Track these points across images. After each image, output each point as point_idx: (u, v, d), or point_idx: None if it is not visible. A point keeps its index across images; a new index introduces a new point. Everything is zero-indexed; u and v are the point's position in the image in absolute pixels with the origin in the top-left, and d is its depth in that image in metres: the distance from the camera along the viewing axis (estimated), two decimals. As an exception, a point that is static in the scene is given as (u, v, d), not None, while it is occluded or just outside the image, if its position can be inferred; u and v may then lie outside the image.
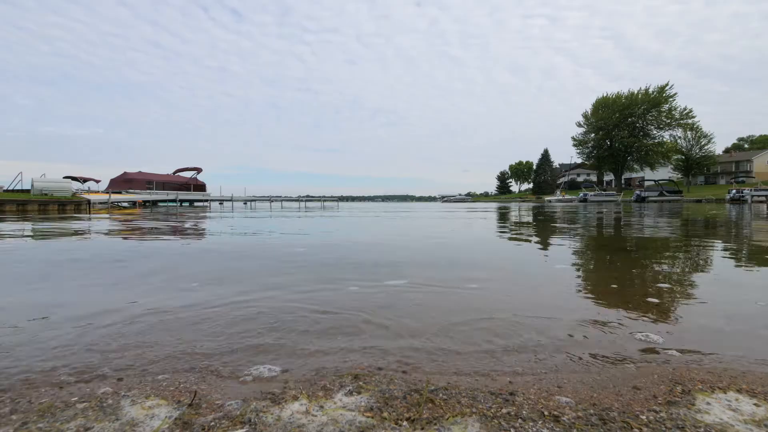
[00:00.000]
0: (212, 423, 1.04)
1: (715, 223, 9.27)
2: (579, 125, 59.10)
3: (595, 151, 57.99)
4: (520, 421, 1.07)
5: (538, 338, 1.75)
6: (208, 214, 15.50)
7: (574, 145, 60.25)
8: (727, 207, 21.15)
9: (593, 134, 57.24)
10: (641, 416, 1.09)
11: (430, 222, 10.56)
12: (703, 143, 51.10)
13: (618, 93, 54.90)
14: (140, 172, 35.08)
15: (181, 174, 39.85)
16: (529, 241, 6.00)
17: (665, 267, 3.57)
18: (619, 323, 1.97)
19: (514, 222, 10.70)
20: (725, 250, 4.78)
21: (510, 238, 6.41)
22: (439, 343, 1.69)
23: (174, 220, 11.14)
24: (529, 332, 1.82)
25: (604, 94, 56.67)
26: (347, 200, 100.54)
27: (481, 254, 4.56)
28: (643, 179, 52.17)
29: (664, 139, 52.92)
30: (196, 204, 35.65)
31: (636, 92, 52.95)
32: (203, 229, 8.16)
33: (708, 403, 1.16)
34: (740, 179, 50.96)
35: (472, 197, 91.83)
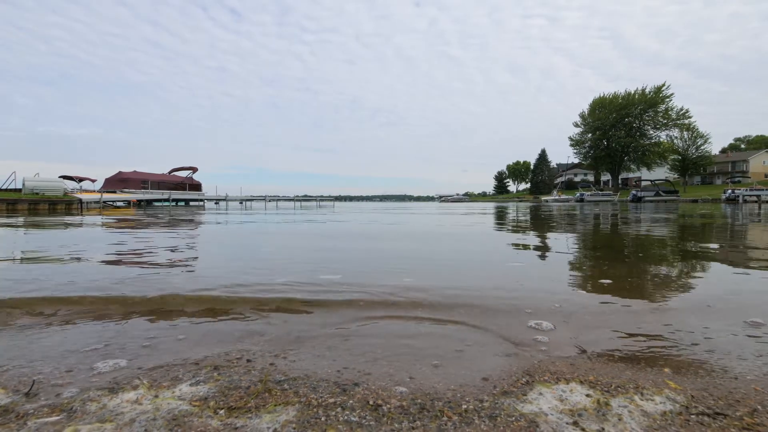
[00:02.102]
0: (31, 411, 1.06)
1: (693, 223, 9.28)
2: (576, 125, 59.13)
3: (592, 151, 57.98)
4: (339, 409, 1.08)
5: (430, 330, 1.76)
6: (181, 218, 15.50)
7: (572, 145, 60.28)
8: (722, 207, 21.23)
9: (590, 134, 57.23)
10: (463, 405, 1.11)
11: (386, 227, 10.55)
12: (699, 143, 51.12)
13: (615, 93, 54.92)
14: (135, 171, 35.06)
15: (177, 173, 39.81)
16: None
17: (615, 261, 3.58)
18: (527, 312, 1.98)
19: (500, 221, 10.71)
20: (686, 247, 4.79)
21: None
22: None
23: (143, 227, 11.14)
24: (417, 328, 1.83)
25: (602, 94, 56.70)
26: (345, 200, 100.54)
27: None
28: (640, 179, 52.20)
29: (661, 140, 52.94)
30: (191, 203, 35.65)
31: (633, 92, 52.95)
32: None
33: (540, 393, 1.18)
34: (736, 179, 50.95)
35: (469, 197, 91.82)
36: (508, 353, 1.52)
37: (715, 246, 4.83)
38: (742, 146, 72.16)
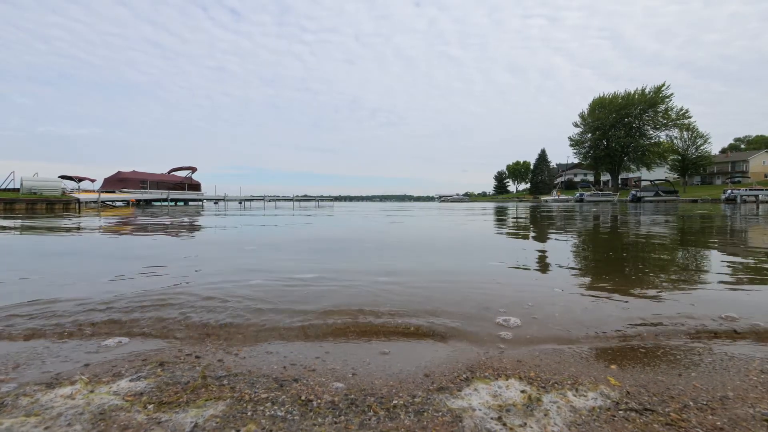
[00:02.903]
0: (-41, 405, 1.06)
1: (684, 224, 9.27)
2: (576, 125, 59.00)
3: (591, 151, 57.86)
4: (269, 404, 1.09)
5: (392, 324, 1.76)
6: (167, 221, 15.52)
7: (571, 145, 60.15)
8: (722, 207, 21.21)
9: (590, 134, 57.11)
10: (394, 401, 1.11)
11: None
12: (699, 143, 50.97)
13: (615, 93, 54.79)
14: (134, 171, 35.11)
15: (176, 173, 39.85)
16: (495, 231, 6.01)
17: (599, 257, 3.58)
18: (501, 311, 1.98)
19: (494, 221, 10.70)
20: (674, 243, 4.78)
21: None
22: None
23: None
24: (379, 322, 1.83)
25: (601, 94, 56.61)
26: (345, 200, 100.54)
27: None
28: (639, 179, 52.07)
29: (661, 140, 52.81)
30: (190, 203, 35.68)
31: (632, 92, 52.83)
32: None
33: (476, 389, 1.18)
34: (736, 179, 50.82)
35: (469, 197, 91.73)
36: (461, 349, 1.52)
37: (704, 250, 4.82)
38: (742, 146, 71.97)
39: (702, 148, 51.06)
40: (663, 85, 50.74)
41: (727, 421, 1.01)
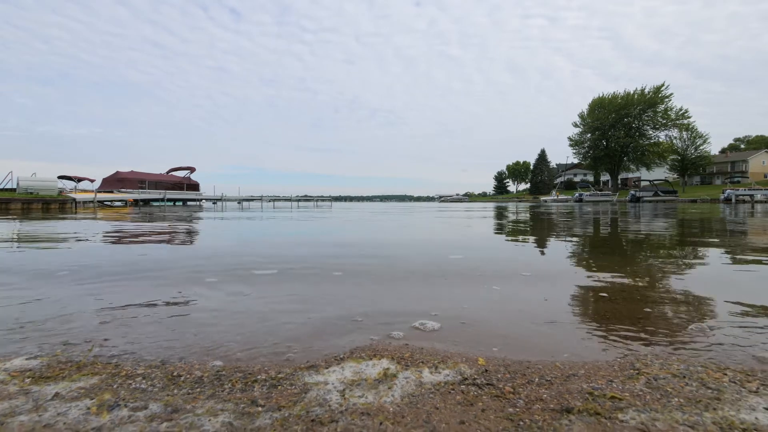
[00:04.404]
0: None
1: (678, 221, 9.31)
2: (575, 125, 58.93)
3: (591, 152, 57.77)
4: (140, 378, 1.17)
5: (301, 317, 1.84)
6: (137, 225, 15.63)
7: (571, 145, 60.08)
8: (720, 206, 21.22)
9: (589, 134, 57.02)
10: (260, 376, 1.19)
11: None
12: (698, 143, 50.90)
13: (614, 93, 54.70)
14: (132, 171, 35.30)
15: (175, 173, 40.05)
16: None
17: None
18: (433, 314, 2.06)
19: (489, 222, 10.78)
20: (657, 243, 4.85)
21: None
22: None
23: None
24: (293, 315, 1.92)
25: (601, 95, 56.53)
26: (345, 200, 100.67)
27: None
28: (639, 179, 52.01)
29: (660, 140, 52.70)
30: (188, 203, 35.85)
31: (632, 92, 52.73)
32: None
33: (342, 367, 1.26)
34: (735, 179, 50.68)
35: (469, 197, 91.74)
36: (359, 339, 1.60)
37: (657, 257, 4.88)
38: (742, 146, 71.75)
39: (701, 148, 51.01)
40: (662, 85, 50.66)
41: (554, 394, 1.09)
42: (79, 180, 36.87)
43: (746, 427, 0.91)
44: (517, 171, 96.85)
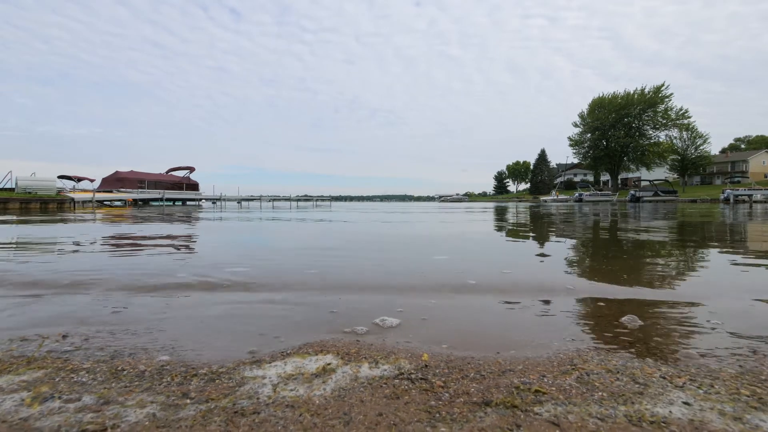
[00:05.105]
0: None
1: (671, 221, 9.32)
2: (575, 125, 58.85)
3: (591, 151, 57.67)
4: (84, 372, 1.20)
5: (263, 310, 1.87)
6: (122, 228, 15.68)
7: (571, 145, 59.98)
8: (720, 206, 21.21)
9: (589, 134, 56.92)
10: (201, 370, 1.22)
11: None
12: (698, 143, 50.79)
13: (614, 93, 54.59)
14: (132, 171, 35.38)
15: (174, 173, 40.13)
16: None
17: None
18: (399, 310, 2.09)
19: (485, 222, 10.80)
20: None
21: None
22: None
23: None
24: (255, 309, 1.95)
25: (601, 94, 56.44)
26: (346, 200, 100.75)
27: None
28: (639, 179, 51.92)
29: (660, 140, 52.59)
30: (188, 203, 35.95)
31: (632, 92, 52.62)
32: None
33: (285, 362, 1.29)
34: (736, 179, 50.57)
35: (469, 197, 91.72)
36: (314, 335, 1.63)
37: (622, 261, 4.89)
38: (742, 146, 71.53)
39: (701, 148, 50.89)
40: (662, 85, 50.54)
41: (482, 388, 1.11)
42: (79, 180, 36.97)
43: (655, 420, 0.94)
44: (517, 171, 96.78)
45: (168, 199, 33.16)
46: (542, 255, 4.00)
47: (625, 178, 63.38)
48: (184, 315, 1.86)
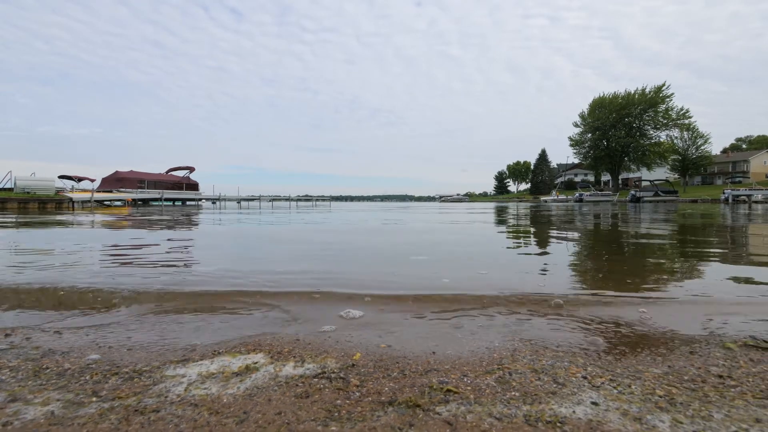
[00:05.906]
0: None
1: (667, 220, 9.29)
2: (576, 125, 58.71)
3: (591, 152, 57.53)
4: (6, 370, 1.21)
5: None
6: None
7: (571, 145, 59.85)
8: (720, 206, 21.13)
9: (590, 134, 56.78)
10: (124, 369, 1.23)
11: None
12: (699, 143, 50.59)
13: (615, 93, 54.44)
14: (132, 171, 35.51)
15: (174, 173, 40.26)
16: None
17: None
18: (366, 300, 2.09)
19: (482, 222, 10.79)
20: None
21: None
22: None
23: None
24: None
25: (602, 94, 56.29)
26: (346, 200, 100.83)
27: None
28: (639, 179, 51.74)
29: (661, 140, 52.41)
30: (187, 203, 36.06)
31: (633, 92, 52.48)
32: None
33: (212, 361, 1.29)
34: (737, 179, 50.34)
35: (470, 197, 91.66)
36: (263, 333, 1.64)
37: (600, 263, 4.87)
38: (744, 146, 71.17)
39: (702, 148, 50.69)
40: (663, 84, 50.38)
41: (397, 387, 1.11)
42: (80, 180, 37.11)
43: (552, 420, 0.94)
44: (517, 171, 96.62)
45: (167, 199, 33.27)
46: (527, 254, 3.99)
47: (625, 178, 63.21)
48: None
